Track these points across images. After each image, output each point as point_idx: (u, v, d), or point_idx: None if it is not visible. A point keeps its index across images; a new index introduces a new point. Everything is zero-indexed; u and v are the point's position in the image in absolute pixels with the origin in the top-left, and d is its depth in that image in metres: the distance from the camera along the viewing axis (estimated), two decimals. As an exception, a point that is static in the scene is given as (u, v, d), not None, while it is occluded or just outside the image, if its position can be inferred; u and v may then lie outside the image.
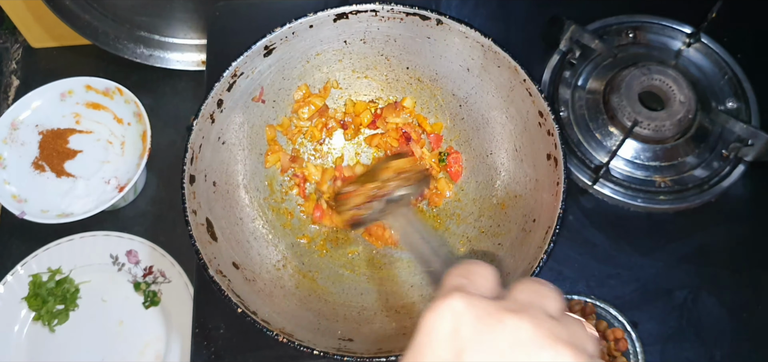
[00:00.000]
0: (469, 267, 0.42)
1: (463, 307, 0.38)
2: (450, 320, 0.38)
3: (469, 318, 0.37)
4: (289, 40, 0.78)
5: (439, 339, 0.37)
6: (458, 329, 0.37)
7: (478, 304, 0.38)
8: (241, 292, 0.68)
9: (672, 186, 0.88)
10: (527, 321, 0.37)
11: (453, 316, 0.38)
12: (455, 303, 0.38)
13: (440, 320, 0.38)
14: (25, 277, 1.00)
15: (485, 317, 0.37)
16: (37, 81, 1.09)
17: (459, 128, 0.84)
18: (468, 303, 0.38)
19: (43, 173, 1.04)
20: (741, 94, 0.94)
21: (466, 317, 0.37)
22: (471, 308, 0.38)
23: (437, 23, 0.77)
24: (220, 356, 0.79)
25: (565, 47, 0.96)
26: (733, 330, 0.82)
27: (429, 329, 0.38)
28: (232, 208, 0.78)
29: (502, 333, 0.37)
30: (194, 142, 0.72)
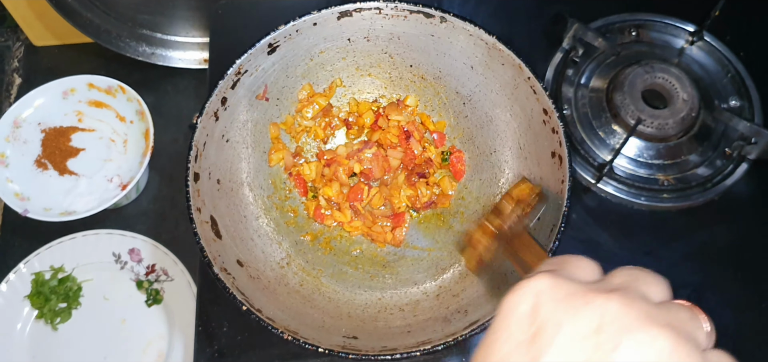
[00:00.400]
0: (564, 257, 0.40)
1: (547, 287, 0.35)
2: (531, 300, 0.35)
3: (551, 297, 0.35)
4: (293, 37, 0.78)
5: (517, 319, 0.35)
6: (538, 309, 0.34)
7: (563, 285, 0.35)
8: (246, 290, 0.68)
9: (675, 184, 0.88)
10: (616, 301, 0.33)
11: (535, 296, 0.35)
12: (539, 283, 0.35)
13: (520, 299, 0.35)
14: (28, 275, 1.00)
15: (569, 297, 0.34)
16: (39, 79, 1.09)
17: (463, 126, 0.84)
18: (553, 283, 0.35)
19: (46, 171, 1.04)
20: (744, 92, 0.94)
21: (548, 296, 0.35)
22: (555, 288, 0.35)
23: (441, 21, 0.77)
24: (223, 354, 0.79)
25: (568, 45, 0.96)
26: (737, 329, 0.81)
27: (508, 308, 0.36)
28: (237, 206, 0.78)
29: (586, 314, 0.33)
30: (198, 140, 0.72)
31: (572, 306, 0.34)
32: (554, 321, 0.33)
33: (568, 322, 0.33)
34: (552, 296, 0.34)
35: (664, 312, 0.33)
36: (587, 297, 0.34)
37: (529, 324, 0.34)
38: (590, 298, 0.34)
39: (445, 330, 0.68)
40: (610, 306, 0.33)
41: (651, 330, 0.32)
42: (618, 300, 0.33)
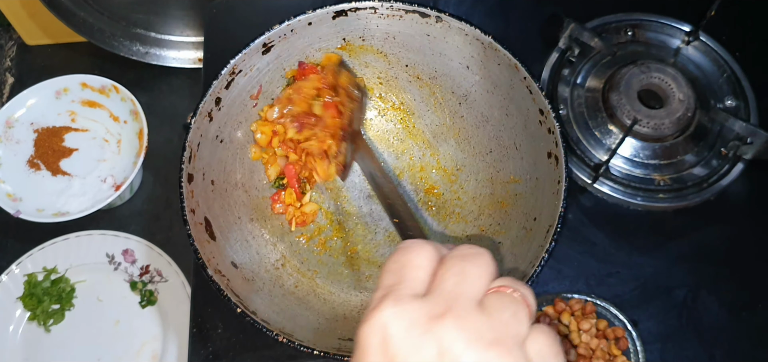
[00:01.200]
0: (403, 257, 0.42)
1: (391, 318, 0.38)
2: (380, 333, 0.38)
3: (396, 329, 0.38)
4: (288, 37, 0.78)
5: (372, 352, 0.38)
6: (387, 341, 0.37)
7: (404, 313, 0.38)
8: (240, 292, 0.68)
9: (671, 184, 0.88)
10: (450, 325, 0.37)
11: (382, 329, 0.38)
12: (383, 315, 0.38)
13: (371, 334, 0.38)
14: (21, 277, 1.00)
15: (411, 328, 0.37)
16: (31, 79, 1.08)
17: (458, 126, 0.84)
18: (394, 313, 0.38)
19: (39, 171, 1.03)
20: (740, 92, 0.94)
21: (394, 328, 0.38)
22: (398, 318, 0.38)
23: (436, 20, 0.77)
24: (218, 356, 0.79)
25: (564, 45, 0.96)
26: (733, 329, 0.81)
27: (363, 344, 0.39)
28: (231, 207, 0.77)
29: (427, 346, 0.37)
30: (192, 141, 0.72)
31: (414, 338, 0.37)
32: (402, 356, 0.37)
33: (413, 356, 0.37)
34: (397, 328, 0.38)
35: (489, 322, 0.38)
36: (426, 326, 0.37)
37: (382, 356, 0.37)
38: (428, 327, 0.37)
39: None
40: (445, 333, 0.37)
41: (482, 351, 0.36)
42: (451, 323, 0.37)
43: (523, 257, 0.70)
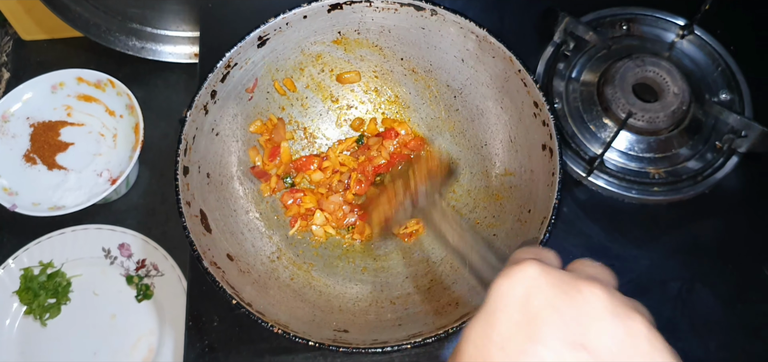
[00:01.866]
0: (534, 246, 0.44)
1: (538, 274, 0.38)
2: (524, 286, 0.38)
3: (543, 284, 0.38)
4: (283, 30, 0.78)
5: (512, 303, 0.38)
6: (531, 295, 0.38)
7: (552, 272, 0.39)
8: (236, 284, 0.68)
9: (666, 177, 0.88)
10: (601, 290, 0.37)
11: (527, 282, 0.38)
12: (530, 270, 0.38)
13: (514, 285, 0.38)
14: (17, 271, 1.00)
15: (560, 284, 0.38)
16: (27, 74, 1.08)
17: (453, 119, 0.84)
18: (542, 270, 0.38)
19: (35, 166, 1.03)
20: (734, 85, 0.94)
21: (541, 283, 0.38)
22: (545, 275, 0.38)
23: (432, 14, 0.77)
24: (214, 349, 0.79)
25: (559, 39, 0.96)
26: (728, 321, 0.82)
27: (502, 293, 0.38)
28: (226, 200, 0.78)
29: (578, 301, 0.37)
30: (188, 133, 0.72)
31: (564, 292, 0.37)
32: (550, 306, 0.37)
33: (563, 307, 0.37)
34: (544, 282, 0.38)
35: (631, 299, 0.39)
36: (575, 284, 0.38)
37: (523, 307, 0.37)
38: (579, 285, 0.37)
39: (436, 323, 0.67)
40: (598, 293, 0.37)
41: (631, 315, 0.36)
42: (602, 289, 0.37)
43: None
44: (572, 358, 0.35)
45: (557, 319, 0.36)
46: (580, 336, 0.36)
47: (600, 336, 0.36)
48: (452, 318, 0.67)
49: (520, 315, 0.37)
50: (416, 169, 0.70)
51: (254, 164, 0.82)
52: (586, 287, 0.37)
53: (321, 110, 0.87)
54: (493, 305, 0.38)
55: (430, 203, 0.66)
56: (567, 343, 0.36)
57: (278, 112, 0.84)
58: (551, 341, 0.36)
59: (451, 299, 0.72)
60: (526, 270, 0.38)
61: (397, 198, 0.70)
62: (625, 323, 0.36)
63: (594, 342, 0.36)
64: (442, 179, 0.70)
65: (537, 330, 0.36)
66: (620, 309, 0.37)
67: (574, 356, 0.35)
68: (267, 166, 0.82)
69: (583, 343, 0.36)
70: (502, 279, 0.39)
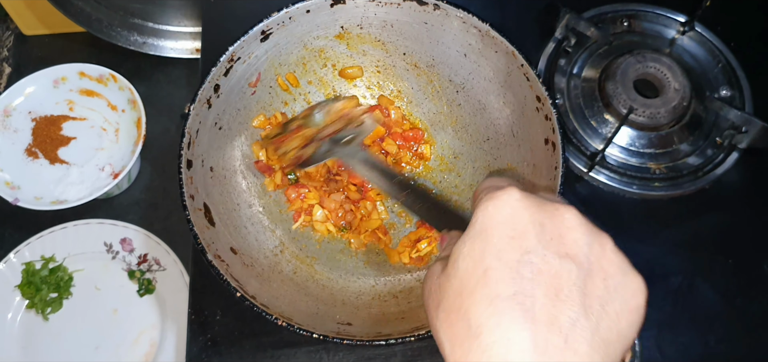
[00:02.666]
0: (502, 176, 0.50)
1: (520, 196, 0.43)
2: (510, 206, 0.42)
3: (527, 204, 0.43)
4: (286, 25, 0.78)
5: (503, 221, 0.42)
6: (518, 214, 0.42)
7: (531, 196, 0.44)
8: (240, 277, 0.68)
9: (666, 173, 0.89)
10: (575, 211, 0.43)
11: (513, 203, 0.43)
12: (514, 193, 0.43)
13: (502, 206, 0.43)
14: (18, 265, 1.00)
15: (540, 205, 0.43)
16: (29, 69, 1.09)
17: (456, 114, 0.84)
18: (523, 194, 0.43)
19: (37, 160, 1.03)
20: (735, 81, 0.95)
21: (524, 203, 0.43)
22: (527, 198, 0.43)
23: (434, 8, 0.77)
24: (216, 343, 0.79)
25: (560, 35, 0.97)
26: (728, 316, 0.82)
27: (491, 214, 0.43)
28: (230, 194, 0.78)
29: (558, 218, 0.42)
30: (191, 127, 0.72)
31: (545, 210, 0.43)
32: (535, 222, 0.42)
33: (545, 222, 0.42)
34: (528, 202, 0.43)
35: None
36: (554, 206, 0.43)
37: (512, 224, 0.42)
38: (556, 206, 0.43)
39: (438, 316, 0.67)
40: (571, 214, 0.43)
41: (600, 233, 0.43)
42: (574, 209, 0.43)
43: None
44: (560, 265, 0.40)
45: (543, 233, 0.41)
46: (565, 248, 0.41)
47: (581, 248, 0.41)
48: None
49: (512, 230, 0.42)
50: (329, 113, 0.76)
51: (258, 159, 0.82)
52: (563, 207, 0.43)
53: (323, 105, 0.87)
54: (483, 223, 0.43)
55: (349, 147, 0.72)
56: (555, 253, 0.41)
57: (281, 107, 0.84)
58: (542, 250, 0.41)
59: (454, 292, 0.72)
60: (510, 193, 0.43)
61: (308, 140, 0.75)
62: (598, 239, 0.42)
63: (576, 253, 0.41)
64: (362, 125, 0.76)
65: (528, 242, 0.41)
66: (591, 227, 0.43)
67: (562, 263, 0.40)
68: (271, 161, 0.82)
69: (567, 253, 0.41)
70: (489, 202, 0.43)
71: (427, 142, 0.86)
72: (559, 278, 0.40)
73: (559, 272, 0.40)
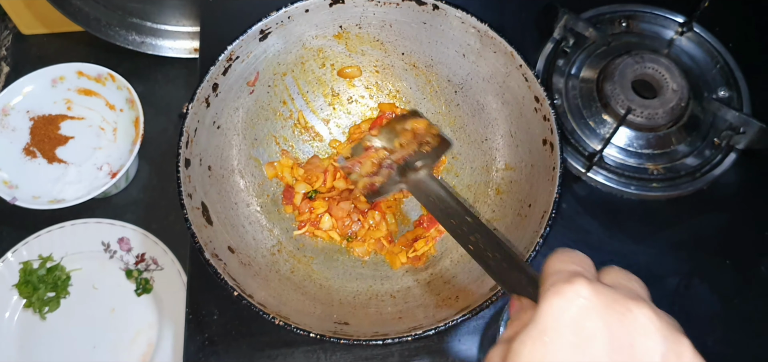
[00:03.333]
0: (571, 253, 0.43)
1: (589, 293, 0.39)
2: (577, 306, 0.38)
3: (596, 304, 0.38)
4: (285, 24, 0.78)
5: (567, 323, 0.38)
6: (585, 316, 0.38)
7: (602, 292, 0.39)
8: (237, 276, 0.68)
9: (664, 173, 0.89)
10: (650, 310, 0.38)
11: (579, 301, 0.38)
12: (581, 289, 0.39)
13: (568, 305, 0.39)
14: (16, 264, 1.00)
15: (612, 304, 0.38)
16: (27, 68, 1.08)
17: (454, 114, 0.84)
18: (593, 289, 0.39)
19: (35, 159, 1.03)
20: (733, 82, 0.95)
21: (593, 303, 0.38)
22: (597, 295, 0.39)
23: (433, 8, 0.77)
24: (214, 342, 0.79)
25: (558, 35, 0.97)
26: (725, 317, 0.82)
27: (556, 314, 0.39)
28: (228, 193, 0.78)
29: (629, 321, 0.38)
30: (189, 126, 0.72)
31: (616, 312, 0.38)
32: (604, 327, 0.38)
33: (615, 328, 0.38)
34: (597, 302, 0.38)
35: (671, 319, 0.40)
36: (627, 304, 0.38)
37: (578, 327, 0.38)
38: (629, 305, 0.38)
39: (436, 316, 0.68)
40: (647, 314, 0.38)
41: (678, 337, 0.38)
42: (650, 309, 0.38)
43: (518, 243, 0.71)
44: None
45: (611, 340, 0.37)
46: (634, 357, 0.37)
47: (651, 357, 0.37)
48: (452, 311, 0.67)
49: (576, 337, 0.38)
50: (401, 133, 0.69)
51: (270, 179, 0.83)
52: (636, 307, 0.38)
53: (321, 104, 0.87)
54: (546, 323, 0.39)
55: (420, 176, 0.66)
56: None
57: (280, 106, 0.84)
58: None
59: (452, 292, 0.72)
60: (578, 289, 0.39)
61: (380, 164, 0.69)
62: (674, 345, 0.38)
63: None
64: (434, 150, 0.69)
65: (593, 350, 0.37)
66: (668, 331, 0.38)
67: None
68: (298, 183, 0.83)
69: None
70: (555, 298, 0.39)
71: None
72: None
73: None
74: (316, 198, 0.82)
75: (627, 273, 0.43)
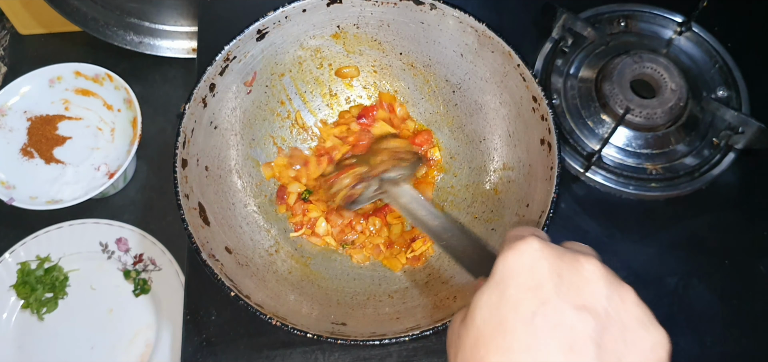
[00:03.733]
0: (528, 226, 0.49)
1: (540, 246, 0.42)
2: (529, 256, 0.42)
3: (547, 254, 0.42)
4: (282, 24, 0.78)
5: (521, 271, 0.42)
6: (537, 264, 0.42)
7: (552, 246, 0.43)
8: (234, 276, 0.68)
9: (663, 173, 0.89)
10: (596, 262, 0.42)
11: (532, 253, 0.42)
12: (534, 243, 0.42)
13: (521, 256, 0.42)
14: (14, 265, 0.99)
15: (561, 255, 0.42)
16: (24, 68, 1.08)
17: (452, 114, 0.84)
18: (544, 244, 0.43)
19: (32, 159, 1.03)
20: (731, 82, 0.94)
21: (544, 253, 0.42)
22: (547, 248, 0.42)
23: (431, 8, 0.77)
24: (211, 343, 0.79)
25: (557, 35, 0.97)
26: (724, 317, 0.82)
27: (510, 264, 0.42)
28: (225, 193, 0.77)
29: (577, 270, 0.42)
30: (186, 126, 0.72)
31: (565, 261, 0.42)
32: (554, 273, 0.41)
33: (565, 274, 0.41)
34: (548, 253, 0.42)
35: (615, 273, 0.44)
36: (575, 256, 0.43)
37: (530, 275, 0.41)
38: (577, 257, 0.42)
39: (434, 316, 0.68)
40: (594, 266, 0.42)
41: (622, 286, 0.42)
42: (596, 262, 0.42)
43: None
44: (576, 318, 0.40)
45: (561, 285, 0.41)
46: (582, 300, 0.40)
47: (599, 300, 0.41)
48: (450, 311, 0.67)
49: (529, 281, 0.41)
50: (380, 151, 0.73)
51: (268, 179, 0.83)
52: (584, 258, 0.42)
53: (319, 104, 0.87)
54: (502, 273, 0.42)
55: (396, 186, 0.70)
56: (572, 305, 0.40)
57: (277, 106, 0.84)
58: (558, 302, 0.40)
59: (449, 293, 0.72)
60: (530, 243, 0.42)
61: (360, 178, 0.73)
62: (618, 291, 0.42)
63: (594, 305, 0.40)
64: (410, 164, 0.73)
65: (545, 293, 0.41)
66: (613, 278, 0.42)
67: (578, 316, 0.40)
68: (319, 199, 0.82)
69: (584, 305, 0.40)
70: (509, 252, 0.43)
71: (437, 146, 0.86)
72: (575, 331, 0.39)
73: (574, 325, 0.40)
74: (311, 200, 0.82)
75: (581, 244, 0.47)
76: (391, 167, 0.71)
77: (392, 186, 0.69)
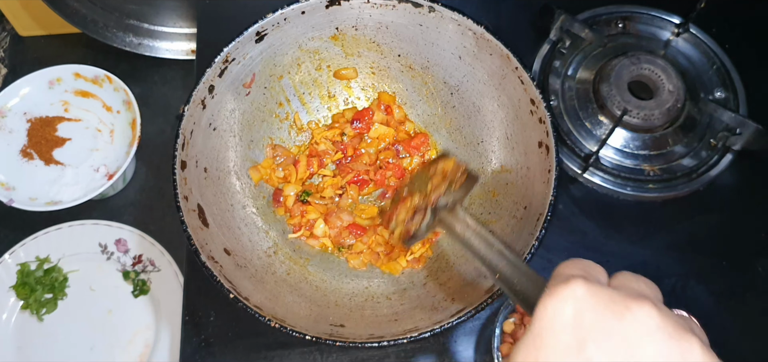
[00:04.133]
0: (580, 260, 0.42)
1: (586, 293, 0.37)
2: (572, 306, 0.37)
3: (591, 304, 0.37)
4: (281, 26, 0.78)
5: (561, 325, 0.37)
6: (580, 316, 0.37)
7: (600, 291, 0.37)
8: (233, 278, 0.68)
9: (661, 174, 0.89)
10: (652, 308, 0.36)
11: (575, 302, 0.37)
12: (577, 289, 0.37)
13: (563, 305, 0.37)
14: (13, 266, 1.00)
15: (609, 304, 0.37)
16: (24, 70, 1.08)
17: (450, 116, 0.85)
18: (589, 289, 0.37)
19: (32, 161, 1.03)
20: (729, 83, 0.95)
21: (589, 303, 0.37)
22: (593, 295, 0.37)
23: (430, 10, 0.77)
24: (210, 344, 0.79)
25: (555, 36, 0.97)
26: (722, 318, 0.82)
27: (550, 315, 0.38)
28: (224, 195, 0.78)
29: (628, 321, 0.36)
30: (185, 128, 0.72)
31: (613, 312, 0.36)
32: (600, 327, 0.36)
33: (613, 328, 0.36)
34: (593, 302, 0.37)
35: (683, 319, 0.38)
36: (625, 303, 0.37)
37: (573, 328, 0.36)
38: (628, 304, 0.37)
39: (431, 318, 0.68)
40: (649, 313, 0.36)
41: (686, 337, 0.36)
42: (653, 308, 0.36)
43: (514, 245, 0.71)
44: None
45: (608, 341, 0.36)
46: (632, 357, 0.35)
47: (653, 358, 0.35)
48: (448, 313, 0.67)
49: (570, 337, 0.36)
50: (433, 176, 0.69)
51: (257, 183, 0.83)
52: (636, 305, 0.36)
53: (317, 106, 0.87)
54: (541, 326, 0.38)
55: (451, 213, 0.64)
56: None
57: (276, 107, 0.84)
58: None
59: (448, 294, 0.73)
60: (573, 290, 0.37)
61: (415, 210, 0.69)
62: (679, 344, 0.36)
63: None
64: (462, 187, 0.69)
65: (587, 353, 0.36)
66: (673, 329, 0.36)
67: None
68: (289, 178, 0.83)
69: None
70: (549, 299, 0.38)
71: (434, 148, 0.86)
72: None
73: None
74: (309, 201, 0.82)
75: (636, 276, 0.41)
76: (445, 191, 0.67)
77: (447, 214, 0.65)
